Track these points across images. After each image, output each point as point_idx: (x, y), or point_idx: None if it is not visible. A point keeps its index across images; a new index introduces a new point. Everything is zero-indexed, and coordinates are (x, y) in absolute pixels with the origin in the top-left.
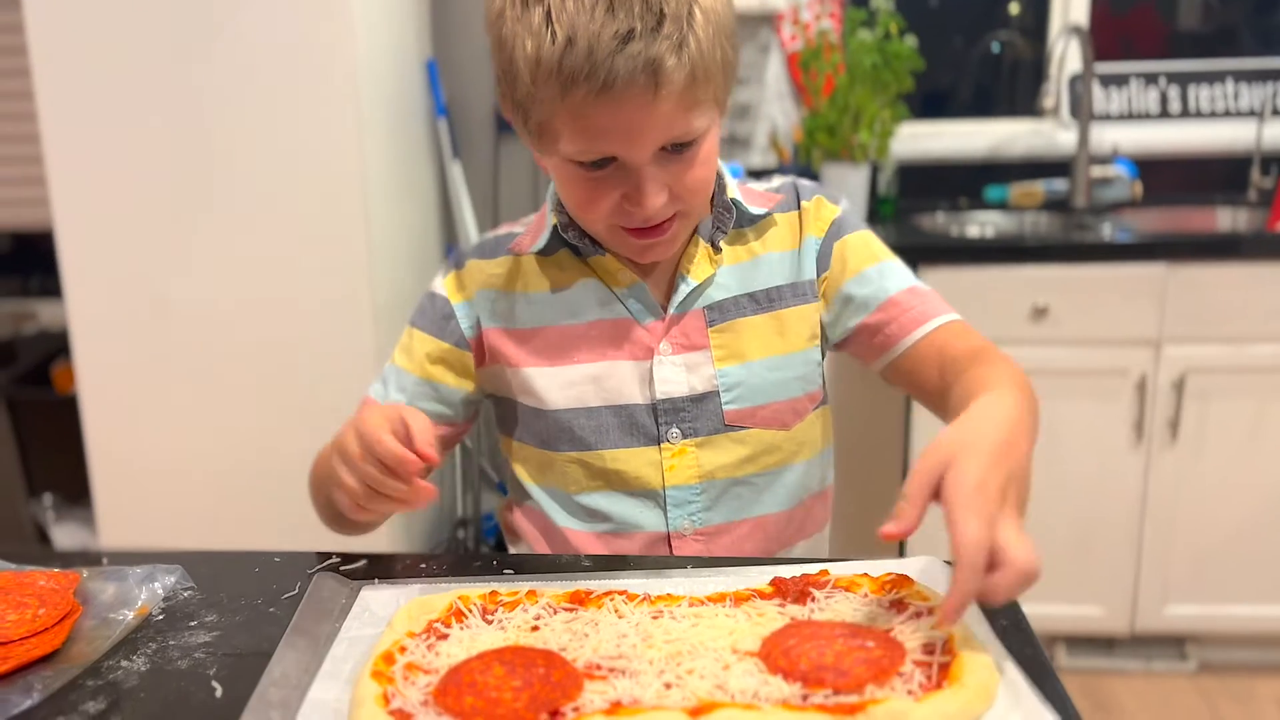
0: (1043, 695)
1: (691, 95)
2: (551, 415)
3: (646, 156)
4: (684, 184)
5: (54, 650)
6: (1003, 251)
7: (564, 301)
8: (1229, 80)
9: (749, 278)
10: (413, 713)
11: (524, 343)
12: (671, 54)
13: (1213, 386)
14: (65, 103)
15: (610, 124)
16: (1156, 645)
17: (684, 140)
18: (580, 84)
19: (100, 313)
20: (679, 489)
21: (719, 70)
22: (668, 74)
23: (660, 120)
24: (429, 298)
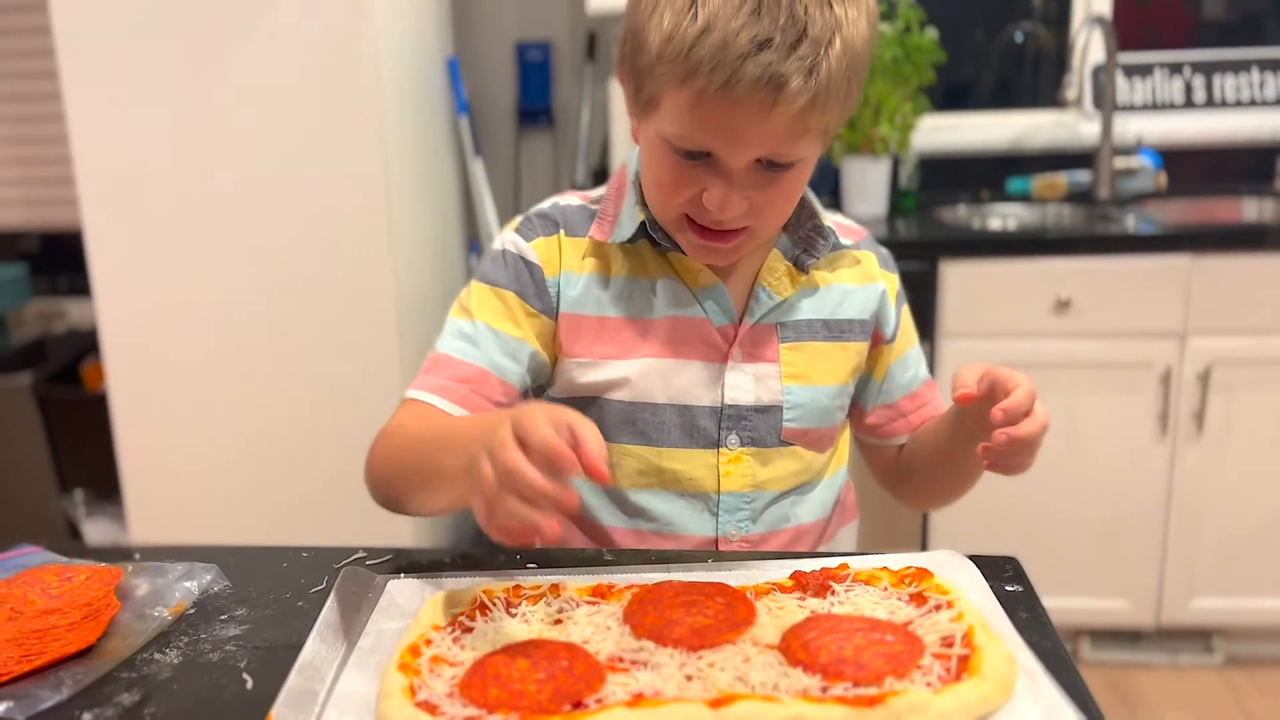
0: (1062, 687)
1: (805, 120)
2: (617, 406)
3: (742, 163)
4: (767, 202)
5: (89, 646)
6: (1025, 244)
7: (641, 292)
8: (1254, 69)
9: (821, 304)
10: (438, 704)
11: (600, 330)
12: (799, 75)
13: (1238, 378)
14: (92, 104)
15: (719, 122)
16: (1182, 638)
17: (782, 161)
18: (703, 75)
19: (129, 311)
20: (733, 495)
21: (839, 104)
22: (790, 93)
23: (768, 134)
24: (520, 263)
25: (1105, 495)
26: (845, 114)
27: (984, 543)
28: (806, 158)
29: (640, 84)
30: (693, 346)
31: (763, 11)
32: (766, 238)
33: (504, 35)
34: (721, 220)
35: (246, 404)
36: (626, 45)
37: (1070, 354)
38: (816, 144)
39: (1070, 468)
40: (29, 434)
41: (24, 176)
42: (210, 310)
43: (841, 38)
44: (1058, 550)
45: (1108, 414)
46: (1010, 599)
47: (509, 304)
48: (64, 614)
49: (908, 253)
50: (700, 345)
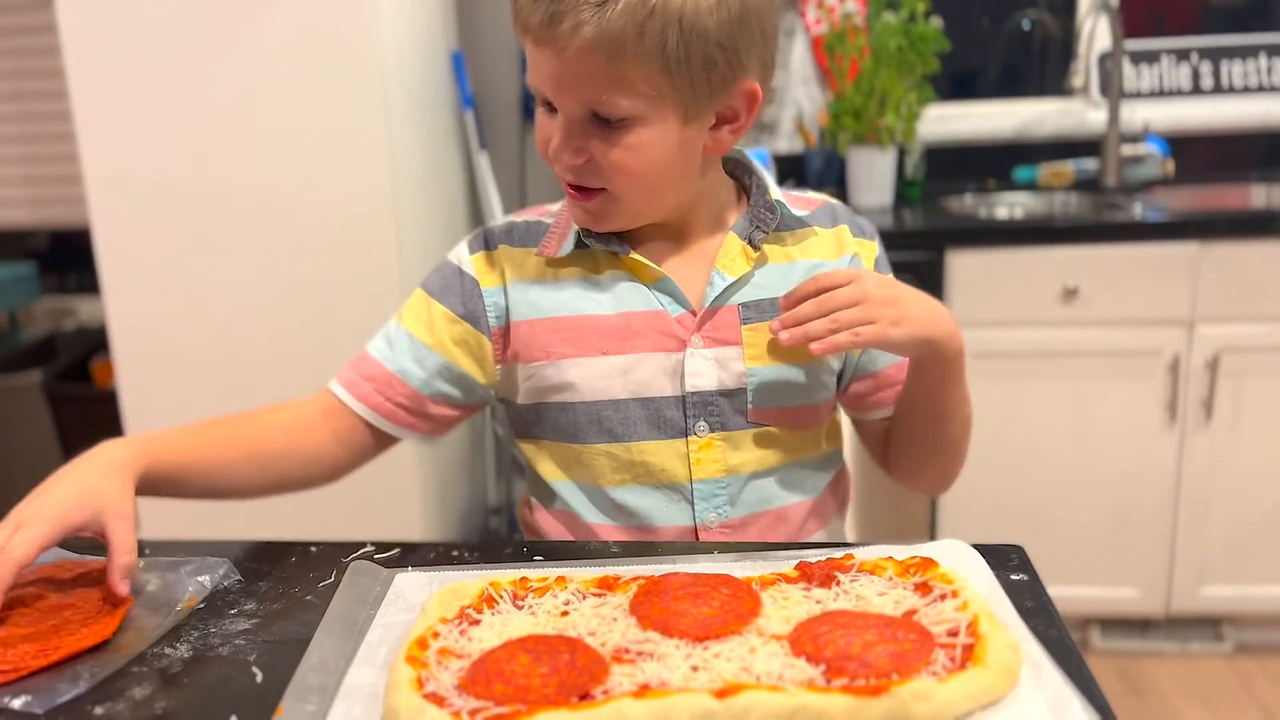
0: (1067, 676)
1: (612, 68)
2: (581, 406)
3: (567, 107)
4: (605, 160)
5: (104, 640)
6: (1032, 232)
7: (594, 292)
8: (1262, 55)
9: (785, 281)
10: (446, 696)
11: (556, 333)
12: (587, 10)
13: (1247, 365)
14: (98, 101)
15: (538, 65)
16: (1192, 627)
17: (606, 114)
18: (520, 18)
19: (138, 308)
20: (705, 483)
21: (653, 60)
22: (566, 31)
23: (577, 78)
24: (455, 273)
25: (1114, 484)
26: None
27: (992, 532)
28: (643, 118)
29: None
30: (649, 339)
31: None
32: (637, 207)
33: (508, 29)
34: (565, 171)
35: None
36: None
37: (1078, 342)
38: (651, 105)
39: (1079, 456)
40: (39, 431)
41: (32, 175)
42: (219, 306)
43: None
44: (1067, 539)
45: (1116, 402)
46: (1015, 588)
47: (433, 313)
48: (79, 609)
49: (914, 243)
50: (657, 336)
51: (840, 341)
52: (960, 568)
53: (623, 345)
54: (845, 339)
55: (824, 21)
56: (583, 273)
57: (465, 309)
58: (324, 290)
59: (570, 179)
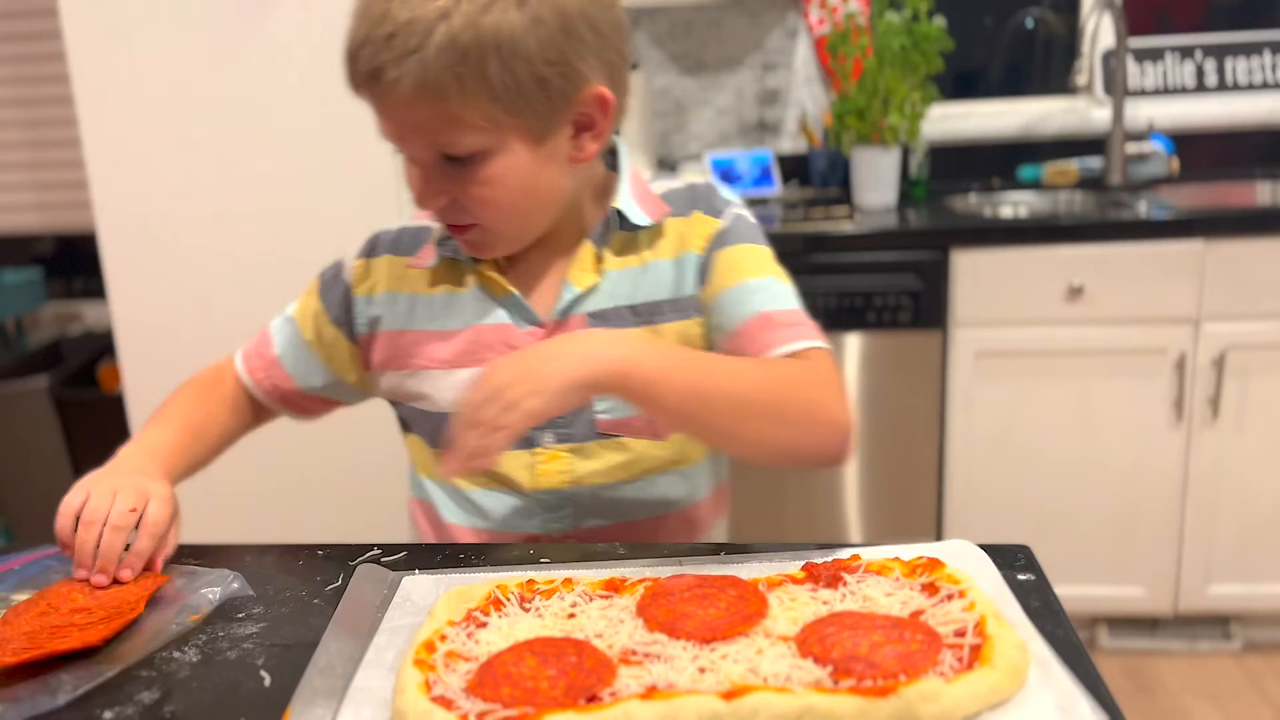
0: (1075, 675)
1: (442, 111)
2: (436, 415)
3: (416, 153)
4: (471, 197)
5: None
6: (1037, 231)
7: (453, 305)
8: (1266, 52)
9: (635, 288)
10: (454, 699)
11: (418, 344)
12: (394, 66)
13: (1254, 363)
14: (103, 107)
15: (380, 116)
16: (1200, 625)
17: (454, 153)
18: (349, 72)
19: (144, 313)
20: (548, 493)
21: (479, 92)
22: (388, 83)
23: (410, 126)
24: (335, 274)
25: (1121, 482)
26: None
27: (999, 532)
28: (490, 150)
29: None
30: (497, 351)
31: (368, 14)
32: (513, 233)
33: None
34: (439, 213)
35: None
36: None
37: (1083, 341)
38: (494, 137)
39: (1085, 455)
40: (47, 436)
41: (37, 180)
42: (225, 310)
43: (449, 26)
44: (1074, 538)
45: (1122, 401)
46: (1022, 588)
47: (315, 310)
48: (90, 613)
49: (919, 242)
50: (505, 349)
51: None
52: (967, 568)
53: (473, 359)
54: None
55: (827, 21)
56: (448, 286)
57: (337, 312)
58: None
59: (441, 219)
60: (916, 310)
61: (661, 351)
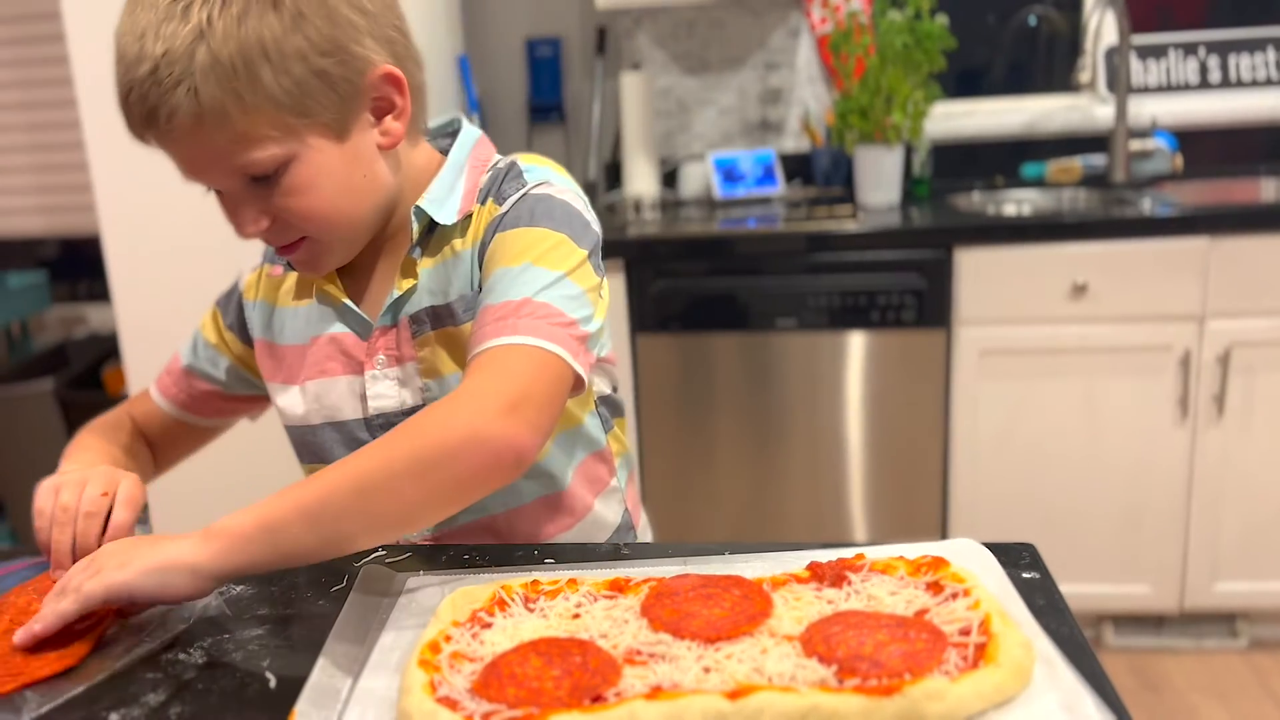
0: (1080, 674)
1: (229, 134)
2: (292, 430)
3: (220, 183)
4: (284, 212)
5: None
6: (1041, 229)
7: (299, 319)
8: (1270, 48)
9: (444, 284)
10: (459, 699)
11: (275, 358)
12: (166, 101)
13: (1258, 360)
14: (107, 109)
15: (173, 157)
16: (1206, 623)
17: (255, 172)
18: (128, 121)
19: (148, 315)
20: None
21: (258, 104)
22: (171, 114)
23: (203, 158)
24: (235, 287)
25: (1126, 480)
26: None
27: (1004, 530)
28: (292, 157)
29: None
30: (337, 362)
31: (125, 57)
32: (342, 237)
33: (513, 32)
34: (254, 239)
35: None
36: None
37: (1088, 339)
38: (291, 143)
39: (1090, 453)
40: (52, 439)
41: (42, 184)
42: None
43: (208, 46)
44: (1079, 536)
45: (1127, 398)
46: (1027, 586)
47: (216, 319)
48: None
49: (923, 241)
50: (343, 360)
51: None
52: (971, 566)
53: (317, 371)
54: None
55: (829, 20)
56: (297, 298)
57: (231, 318)
58: None
59: (269, 243)
60: (920, 309)
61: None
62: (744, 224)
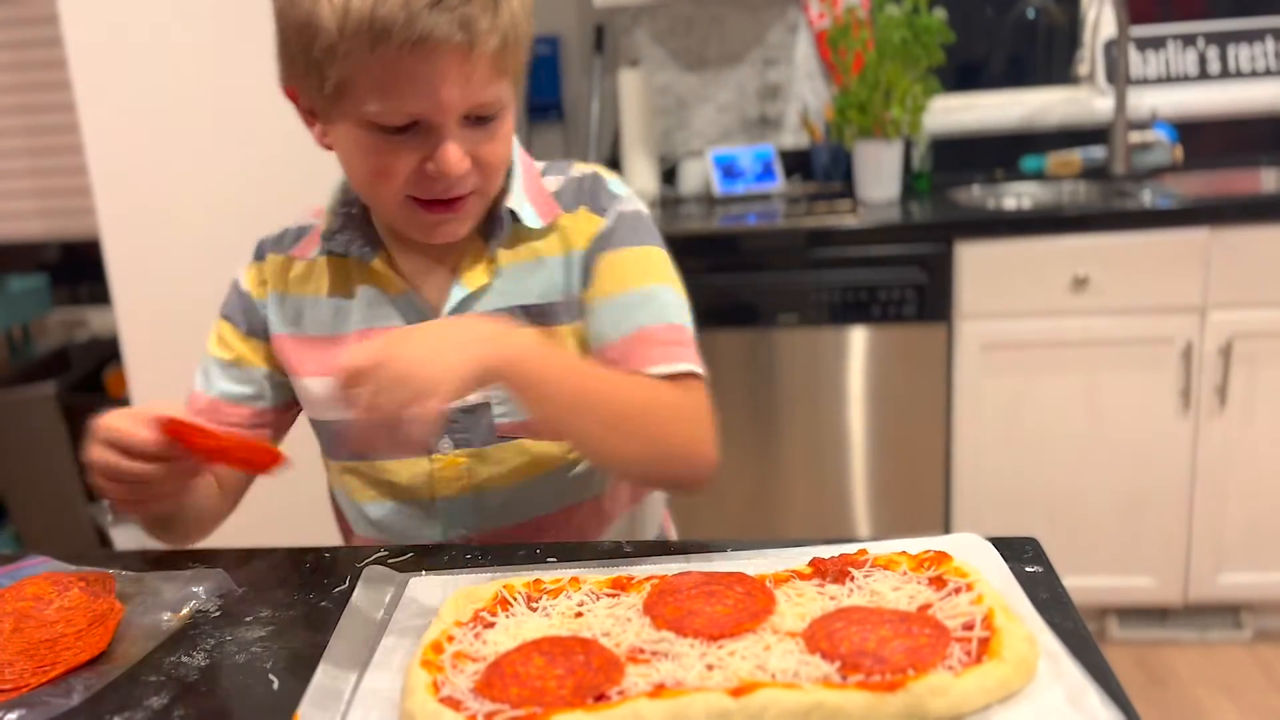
0: (1084, 667)
1: (502, 62)
2: (327, 425)
3: (454, 117)
4: (485, 157)
5: (100, 654)
6: (1041, 222)
7: (340, 308)
8: (1269, 38)
9: (526, 286)
10: (462, 699)
11: (304, 350)
12: (486, 15)
13: (1260, 351)
14: (106, 112)
15: (421, 80)
16: (1211, 614)
17: (488, 113)
18: (393, 35)
19: (149, 318)
20: (450, 500)
21: (525, 43)
22: (481, 35)
23: (470, 82)
24: (234, 290)
25: (1129, 472)
26: (528, 54)
27: (1008, 524)
28: (509, 104)
29: (323, 74)
30: None
31: None
32: (491, 196)
33: None
34: (451, 185)
35: None
36: (291, 46)
37: (1090, 332)
38: (511, 89)
39: (1093, 446)
40: (55, 443)
41: (42, 187)
42: None
43: None
44: (1083, 529)
45: (1129, 391)
46: (1030, 580)
47: (225, 333)
48: (71, 622)
49: (923, 235)
50: None
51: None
52: (974, 561)
53: None
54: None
55: (827, 15)
56: (331, 288)
57: (248, 325)
58: None
59: (453, 193)
60: (921, 303)
61: (550, 348)
62: (744, 220)
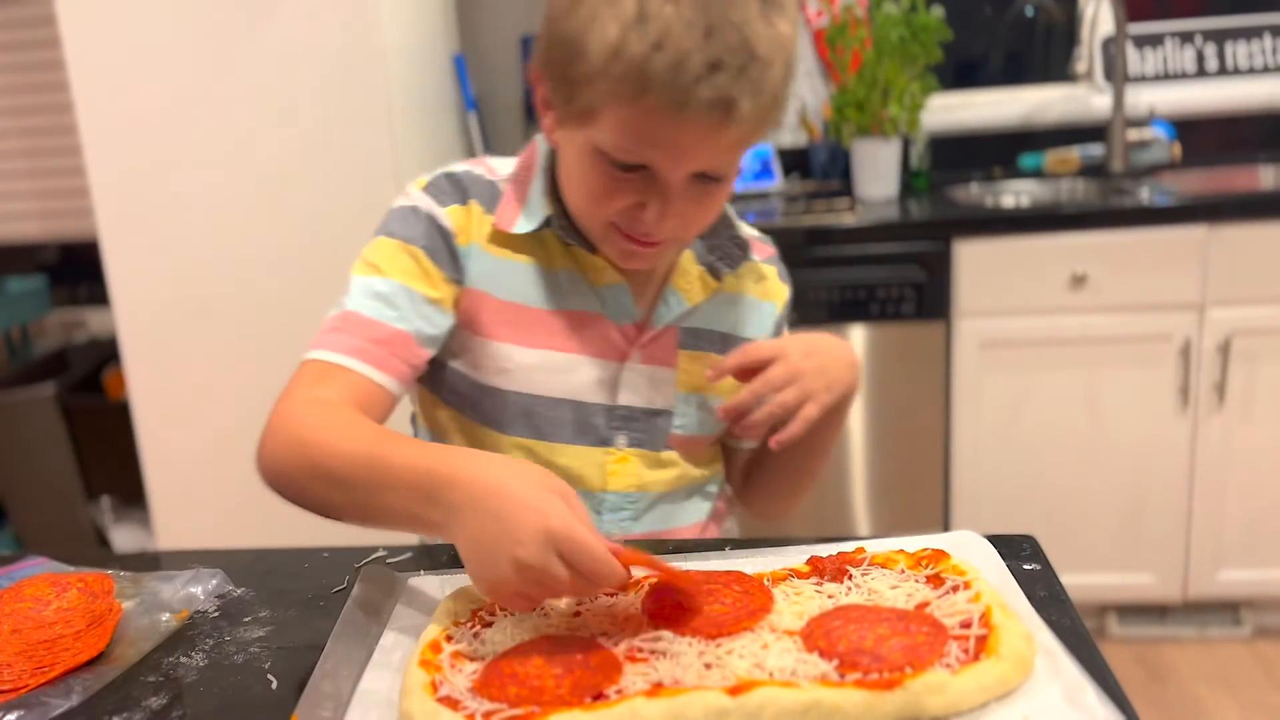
0: (1082, 665)
1: (749, 141)
2: (512, 396)
3: (681, 178)
4: (698, 212)
5: (99, 654)
6: (1040, 220)
7: (545, 282)
8: (1266, 35)
9: (723, 314)
10: (460, 699)
11: (501, 313)
12: (750, 96)
13: (1259, 348)
14: (104, 113)
15: (666, 140)
16: (1210, 611)
17: (718, 174)
18: (654, 93)
19: (147, 318)
20: (617, 495)
21: (779, 119)
22: (741, 115)
23: (713, 151)
24: (429, 223)
25: (1128, 470)
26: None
27: (1007, 522)
28: (738, 169)
29: (574, 92)
30: (592, 343)
31: (715, 34)
32: (687, 244)
33: (509, 30)
34: (654, 233)
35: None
36: (554, 50)
37: (1088, 329)
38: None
39: (1092, 443)
40: (54, 443)
41: (40, 189)
42: (228, 314)
43: (784, 56)
44: (1082, 527)
45: (1128, 388)
46: (1028, 577)
47: (423, 264)
48: (69, 623)
49: (921, 233)
50: (599, 342)
51: (795, 432)
52: (972, 559)
53: (565, 343)
54: (798, 429)
55: (825, 14)
56: (536, 260)
57: (451, 266)
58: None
59: (653, 239)
60: (920, 301)
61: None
62: (742, 219)
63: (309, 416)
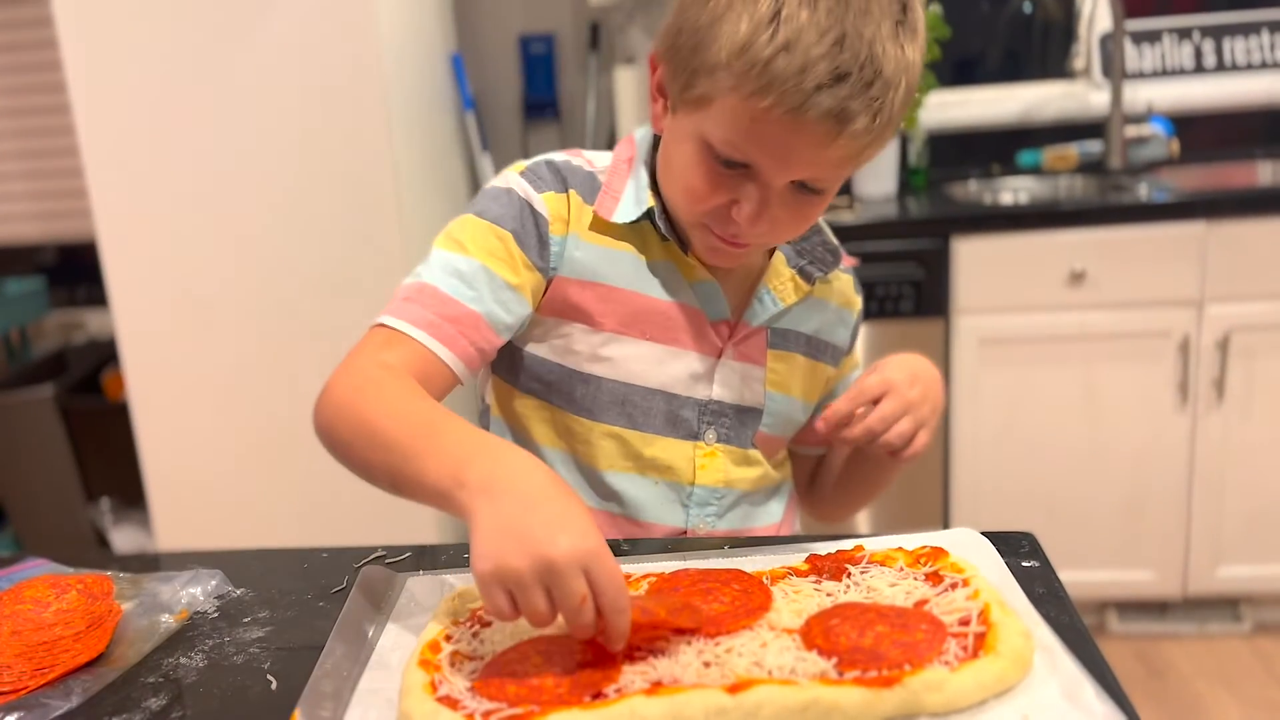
0: (1080, 661)
1: (858, 157)
2: (608, 384)
3: (783, 183)
4: (791, 220)
5: (98, 655)
6: (1038, 217)
7: (644, 273)
8: (1264, 31)
9: (810, 321)
10: (460, 699)
11: (605, 301)
12: (868, 114)
13: (1257, 344)
14: (102, 114)
15: (776, 143)
16: (1210, 607)
17: (820, 185)
18: (774, 95)
19: (146, 320)
20: (706, 489)
21: (890, 139)
22: (856, 130)
23: (820, 162)
24: (524, 207)
25: (1128, 467)
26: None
27: (1005, 519)
28: (840, 183)
29: (693, 80)
30: (689, 337)
31: (845, 45)
32: (771, 249)
33: (507, 29)
34: (742, 235)
35: (265, 407)
36: (681, 37)
37: (1087, 326)
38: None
39: (1091, 440)
40: (53, 445)
41: (38, 190)
42: (226, 315)
43: (907, 80)
44: (1082, 524)
45: (1127, 385)
46: (1027, 574)
47: (509, 247)
48: (69, 625)
49: (920, 230)
50: (696, 337)
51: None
52: (971, 556)
53: (664, 335)
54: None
55: None
56: (636, 251)
57: (539, 254)
58: (330, 296)
59: (741, 240)
60: (918, 299)
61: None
62: None
63: (369, 379)
